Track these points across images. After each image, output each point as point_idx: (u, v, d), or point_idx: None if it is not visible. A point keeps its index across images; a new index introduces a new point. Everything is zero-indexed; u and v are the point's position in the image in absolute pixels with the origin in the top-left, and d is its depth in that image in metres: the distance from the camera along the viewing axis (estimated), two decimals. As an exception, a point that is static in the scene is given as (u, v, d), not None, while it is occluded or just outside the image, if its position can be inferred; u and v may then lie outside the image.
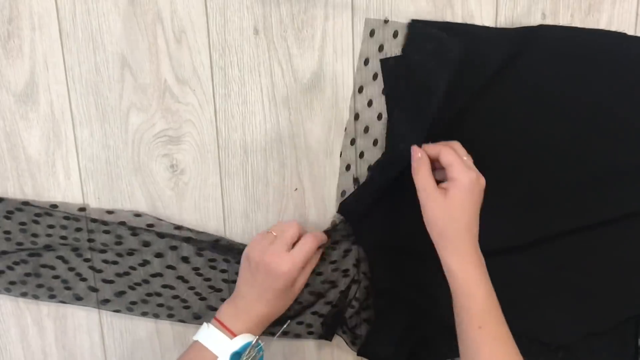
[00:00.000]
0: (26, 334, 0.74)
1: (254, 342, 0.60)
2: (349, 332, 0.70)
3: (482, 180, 0.58)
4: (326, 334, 0.70)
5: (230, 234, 0.70)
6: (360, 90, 0.65)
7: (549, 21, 0.64)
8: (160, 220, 0.69)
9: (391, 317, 0.69)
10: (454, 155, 0.57)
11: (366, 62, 0.64)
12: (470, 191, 0.56)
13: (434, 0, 0.63)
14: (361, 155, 0.67)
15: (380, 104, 0.66)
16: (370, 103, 0.66)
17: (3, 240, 0.70)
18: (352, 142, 0.67)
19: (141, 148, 0.68)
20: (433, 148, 0.59)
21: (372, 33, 0.63)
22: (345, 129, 0.67)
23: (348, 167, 0.68)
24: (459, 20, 0.64)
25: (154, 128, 0.67)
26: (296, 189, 0.69)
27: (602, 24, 0.64)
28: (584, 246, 0.66)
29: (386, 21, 0.63)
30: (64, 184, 0.69)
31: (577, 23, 0.64)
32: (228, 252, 0.69)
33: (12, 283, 0.71)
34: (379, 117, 0.66)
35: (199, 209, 0.70)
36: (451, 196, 0.56)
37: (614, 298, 0.67)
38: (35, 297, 0.72)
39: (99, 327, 0.74)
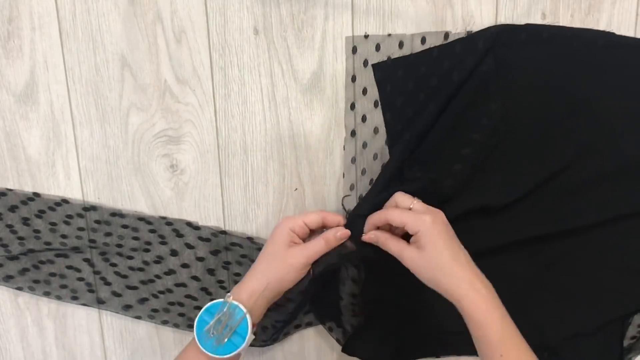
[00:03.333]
0: (26, 334, 0.74)
1: (224, 301, 0.59)
2: (337, 328, 0.70)
3: (439, 215, 0.59)
4: (318, 317, 0.71)
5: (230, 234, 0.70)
6: (352, 107, 0.66)
7: (549, 21, 0.64)
8: (195, 228, 0.70)
9: (378, 320, 0.69)
10: (400, 214, 0.58)
11: (353, 78, 0.65)
12: (432, 233, 0.57)
13: (434, 1, 0.63)
14: (363, 172, 0.68)
15: (374, 118, 0.66)
16: (364, 118, 0.66)
17: (33, 239, 0.70)
18: (353, 160, 0.67)
19: (141, 148, 0.68)
20: (379, 217, 0.60)
21: (354, 50, 0.64)
22: (344, 147, 0.67)
23: (352, 187, 0.68)
24: (459, 21, 0.64)
25: (154, 128, 0.67)
26: (296, 189, 0.69)
27: (602, 24, 0.64)
28: (573, 247, 0.66)
29: (366, 36, 0.64)
30: (64, 184, 0.69)
31: (577, 23, 0.64)
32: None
33: (36, 282, 0.72)
34: (375, 130, 0.66)
35: (199, 209, 0.70)
36: (423, 248, 0.57)
37: (601, 299, 0.67)
38: (59, 297, 0.72)
39: (99, 327, 0.74)
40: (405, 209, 0.59)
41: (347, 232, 0.63)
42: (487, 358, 0.55)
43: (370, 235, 0.62)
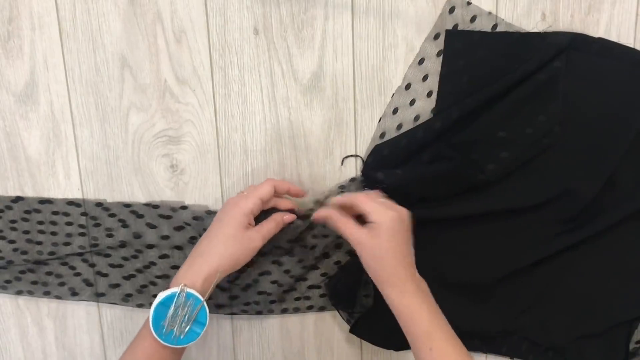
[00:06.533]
0: (26, 334, 0.74)
1: (179, 292, 0.57)
2: (346, 308, 0.70)
3: (404, 213, 0.60)
4: (332, 301, 0.70)
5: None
6: (421, 62, 0.65)
7: (549, 21, 0.64)
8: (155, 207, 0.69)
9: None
10: (368, 202, 0.60)
11: (436, 36, 0.64)
12: (392, 229, 0.58)
13: (434, 1, 0.63)
14: (399, 127, 0.67)
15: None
16: (425, 78, 0.65)
17: (24, 242, 0.70)
18: (382, 135, 0.67)
19: (141, 148, 0.68)
20: (348, 198, 0.61)
21: (451, 10, 0.63)
22: (393, 95, 0.66)
23: (383, 135, 0.67)
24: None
25: (154, 128, 0.67)
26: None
27: (602, 24, 0.64)
28: (584, 250, 0.66)
29: (469, 3, 0.63)
30: (64, 184, 0.69)
31: (577, 23, 0.64)
32: None
33: (34, 283, 0.72)
34: (429, 94, 0.66)
35: (199, 209, 0.70)
36: (376, 237, 0.58)
37: (608, 302, 0.67)
38: (58, 297, 0.72)
39: (99, 327, 0.74)
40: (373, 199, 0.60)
41: (293, 217, 0.65)
42: (417, 350, 0.57)
43: (320, 214, 0.62)
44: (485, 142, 0.63)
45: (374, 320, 0.69)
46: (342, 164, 0.68)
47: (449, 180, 0.64)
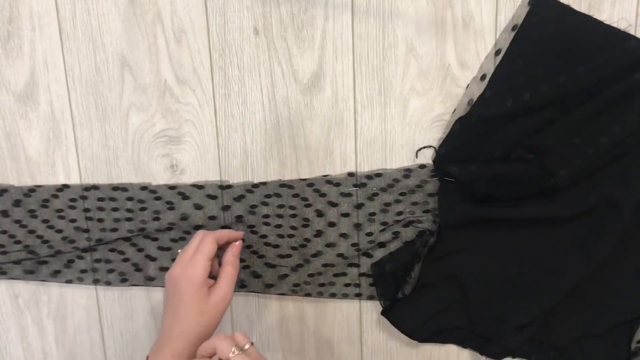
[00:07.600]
0: (26, 334, 0.74)
1: None
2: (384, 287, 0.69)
3: None
4: (375, 281, 0.69)
5: (230, 234, 0.70)
6: (498, 53, 0.64)
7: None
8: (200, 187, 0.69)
9: (429, 295, 0.68)
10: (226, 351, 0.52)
11: (514, 28, 0.63)
12: None
13: (434, 1, 0.63)
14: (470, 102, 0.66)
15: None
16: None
17: (72, 230, 0.70)
18: (470, 102, 0.65)
19: (141, 148, 0.68)
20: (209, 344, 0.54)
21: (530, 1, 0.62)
22: (468, 86, 0.65)
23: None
24: (459, 21, 0.64)
25: (154, 128, 0.67)
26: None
27: (602, 24, 0.64)
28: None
29: None
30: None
31: (577, 23, 0.64)
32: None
33: (83, 272, 0.72)
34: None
35: (199, 209, 0.70)
36: None
37: (610, 301, 0.67)
38: (108, 283, 0.72)
39: (99, 327, 0.74)
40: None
41: (240, 245, 0.64)
42: None
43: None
44: (560, 147, 0.62)
45: (408, 309, 0.68)
46: (416, 156, 0.67)
47: (520, 182, 0.63)
